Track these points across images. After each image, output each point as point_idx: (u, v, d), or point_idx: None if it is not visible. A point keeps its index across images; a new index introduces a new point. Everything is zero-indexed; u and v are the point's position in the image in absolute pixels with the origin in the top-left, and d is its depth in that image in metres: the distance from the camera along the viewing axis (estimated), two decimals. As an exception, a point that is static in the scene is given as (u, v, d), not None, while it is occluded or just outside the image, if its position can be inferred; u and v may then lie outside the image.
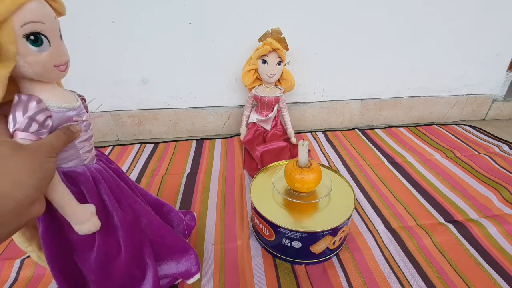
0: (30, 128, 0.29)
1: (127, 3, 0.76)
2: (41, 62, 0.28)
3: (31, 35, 0.27)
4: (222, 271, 0.50)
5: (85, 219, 0.34)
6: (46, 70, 0.29)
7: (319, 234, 0.47)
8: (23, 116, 0.28)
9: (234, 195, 0.69)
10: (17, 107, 0.28)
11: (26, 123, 0.28)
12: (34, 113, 0.29)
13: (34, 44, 0.27)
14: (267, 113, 0.83)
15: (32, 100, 0.29)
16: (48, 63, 0.29)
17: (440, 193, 0.69)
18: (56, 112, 0.31)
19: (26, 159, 0.27)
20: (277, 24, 0.75)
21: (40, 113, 0.29)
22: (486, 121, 1.11)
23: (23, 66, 0.28)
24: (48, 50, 0.29)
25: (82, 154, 0.36)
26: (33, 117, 0.29)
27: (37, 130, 0.29)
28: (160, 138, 0.98)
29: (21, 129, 0.28)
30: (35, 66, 0.28)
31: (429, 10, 0.88)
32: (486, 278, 0.48)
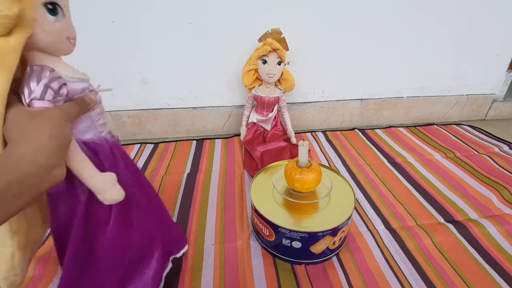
0: (46, 95, 0.29)
1: (127, 3, 0.76)
2: (56, 31, 0.29)
3: (49, 4, 0.28)
4: (222, 271, 0.50)
5: (107, 187, 0.34)
6: (60, 40, 0.30)
7: (319, 234, 0.47)
8: (38, 84, 0.28)
9: (234, 195, 0.69)
10: (31, 77, 0.28)
11: (42, 91, 0.28)
12: (49, 80, 0.29)
13: (51, 13, 0.28)
14: (267, 113, 0.83)
15: (45, 69, 0.29)
16: (62, 34, 0.30)
17: (440, 193, 0.69)
18: (69, 82, 0.31)
19: (45, 124, 0.27)
20: (277, 24, 0.75)
21: (55, 81, 0.29)
22: (486, 121, 1.11)
23: (39, 34, 0.28)
24: (63, 21, 0.30)
25: (98, 126, 0.36)
26: (48, 85, 0.29)
27: (53, 98, 0.29)
28: (160, 138, 0.98)
29: (37, 97, 0.28)
30: (50, 34, 0.29)
31: (429, 10, 0.87)
32: (486, 278, 0.48)
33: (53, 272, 0.50)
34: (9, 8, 0.25)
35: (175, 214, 0.63)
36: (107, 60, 0.83)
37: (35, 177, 0.26)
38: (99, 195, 0.34)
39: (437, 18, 0.89)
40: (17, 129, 0.27)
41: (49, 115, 0.28)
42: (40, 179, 0.27)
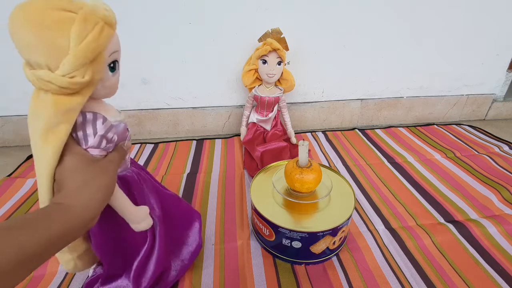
0: (101, 145, 0.32)
1: (127, 3, 0.76)
2: (113, 84, 0.32)
3: (112, 63, 0.30)
4: (222, 271, 0.50)
5: (141, 219, 0.38)
6: (113, 90, 0.33)
7: (319, 234, 0.47)
8: (94, 135, 0.31)
9: (234, 195, 0.68)
10: (86, 126, 0.31)
11: (98, 141, 0.31)
12: (105, 132, 0.32)
13: (112, 70, 0.31)
14: (267, 113, 0.83)
15: (98, 119, 0.31)
16: (116, 84, 0.33)
17: (440, 193, 0.69)
18: (116, 126, 0.34)
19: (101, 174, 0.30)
20: (277, 24, 0.75)
21: (109, 132, 0.32)
22: (486, 121, 1.11)
23: (99, 90, 0.31)
24: (118, 73, 0.32)
25: (126, 160, 0.39)
26: (104, 135, 0.32)
27: (106, 145, 0.33)
28: (160, 138, 0.98)
29: (94, 146, 0.31)
30: (108, 88, 0.32)
31: (429, 10, 0.88)
32: (486, 278, 0.48)
33: (53, 272, 0.50)
34: (81, 75, 0.27)
35: (175, 214, 0.63)
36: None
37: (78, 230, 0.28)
38: (132, 225, 0.38)
39: (437, 18, 0.89)
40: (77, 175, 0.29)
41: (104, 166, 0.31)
42: (80, 231, 0.28)
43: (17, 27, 0.26)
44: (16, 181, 0.73)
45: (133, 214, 0.37)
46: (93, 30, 0.26)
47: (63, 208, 0.27)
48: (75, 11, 0.26)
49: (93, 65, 0.27)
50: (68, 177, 0.29)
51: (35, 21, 0.25)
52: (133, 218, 0.37)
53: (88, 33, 0.26)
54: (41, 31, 0.25)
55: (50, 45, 0.25)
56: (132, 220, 0.37)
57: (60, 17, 0.25)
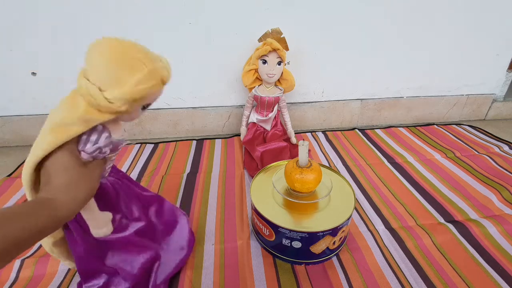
0: (94, 154, 0.35)
1: (127, 3, 0.76)
2: (137, 117, 0.37)
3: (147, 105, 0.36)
4: (222, 271, 0.50)
5: (103, 225, 0.40)
6: (134, 119, 0.37)
7: (319, 234, 0.47)
8: (93, 145, 0.34)
9: (234, 195, 0.68)
10: (92, 133, 0.34)
11: (94, 150, 0.34)
12: (104, 145, 0.35)
13: (143, 109, 0.36)
14: (267, 113, 0.83)
15: (105, 132, 0.35)
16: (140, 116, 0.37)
17: (440, 193, 0.69)
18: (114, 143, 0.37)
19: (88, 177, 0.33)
20: (277, 24, 0.75)
21: (107, 146, 0.36)
22: (486, 121, 1.11)
23: (125, 117, 0.36)
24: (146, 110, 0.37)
25: (106, 169, 0.41)
26: (100, 148, 0.35)
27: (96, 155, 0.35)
28: (160, 138, 0.98)
29: (87, 152, 0.34)
30: (132, 118, 0.36)
31: (429, 10, 0.87)
32: (486, 278, 0.48)
33: (53, 272, 0.50)
34: (119, 105, 0.31)
35: (175, 214, 0.63)
36: (107, 60, 0.83)
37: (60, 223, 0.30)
38: (92, 230, 0.39)
39: (437, 18, 0.89)
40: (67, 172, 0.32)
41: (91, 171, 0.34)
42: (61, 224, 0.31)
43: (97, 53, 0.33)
44: (16, 181, 0.73)
45: (96, 219, 0.39)
46: (150, 83, 0.32)
47: (51, 203, 0.30)
48: (146, 64, 0.32)
49: (133, 103, 0.32)
50: (60, 172, 0.31)
51: (115, 57, 0.32)
52: (95, 223, 0.39)
53: (145, 83, 0.31)
54: (115, 65, 0.31)
55: (113, 77, 0.31)
56: (94, 226, 0.39)
57: (134, 64, 0.32)
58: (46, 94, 0.85)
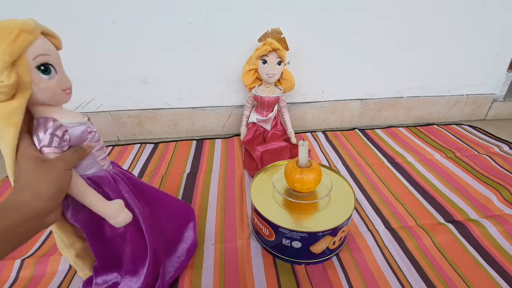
0: (53, 143, 0.34)
1: (127, 3, 0.76)
2: (51, 88, 0.34)
3: (42, 66, 0.32)
4: (222, 271, 0.50)
5: (117, 213, 0.39)
6: (56, 94, 0.34)
7: (319, 234, 0.47)
8: (45, 134, 0.34)
9: (234, 195, 0.68)
10: (38, 128, 0.34)
11: (49, 139, 0.34)
12: (53, 129, 0.34)
13: (45, 73, 0.33)
14: (267, 113, 0.83)
15: (49, 120, 0.34)
16: (57, 88, 0.34)
17: (440, 193, 0.69)
18: (69, 128, 0.36)
19: (46, 172, 0.32)
20: (277, 24, 0.75)
21: (58, 129, 0.34)
22: (486, 121, 1.11)
23: (37, 93, 0.33)
24: (56, 77, 0.34)
25: (99, 161, 0.41)
26: (53, 133, 0.34)
27: (59, 144, 0.35)
28: (160, 138, 0.98)
29: (45, 145, 0.34)
30: (47, 91, 0.33)
31: (429, 10, 0.87)
32: (486, 278, 0.48)
33: (53, 272, 0.50)
34: (7, 78, 0.30)
35: (175, 214, 0.63)
36: (107, 60, 0.83)
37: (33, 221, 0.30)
38: (110, 221, 0.39)
39: (437, 18, 0.89)
40: (23, 175, 0.32)
41: (51, 164, 0.33)
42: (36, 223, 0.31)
43: None
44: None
45: (107, 209, 0.38)
46: (8, 37, 0.29)
47: (14, 203, 0.30)
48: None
49: (16, 67, 0.30)
50: (19, 175, 0.32)
51: None
52: (108, 213, 0.38)
53: (3, 41, 0.29)
54: None
55: None
56: (108, 215, 0.38)
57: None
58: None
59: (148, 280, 0.44)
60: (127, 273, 0.45)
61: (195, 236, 0.54)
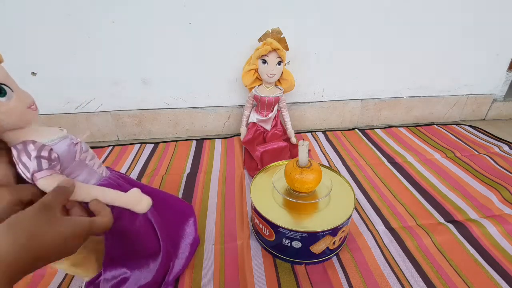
0: (42, 165, 0.31)
1: (127, 3, 0.76)
2: (14, 109, 0.30)
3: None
4: (222, 271, 0.50)
5: (138, 199, 0.39)
6: (22, 113, 0.31)
7: (319, 234, 0.47)
8: (30, 159, 0.30)
9: (234, 195, 0.68)
10: (20, 155, 0.30)
11: (36, 163, 0.31)
12: (37, 152, 0.31)
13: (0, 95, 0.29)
14: (267, 113, 0.83)
15: (27, 144, 0.31)
16: (20, 107, 0.31)
17: (440, 193, 0.69)
18: (53, 145, 0.33)
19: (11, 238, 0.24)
20: (277, 24, 0.75)
21: (42, 150, 0.31)
22: (486, 121, 1.11)
23: (1, 120, 0.29)
24: (14, 96, 0.30)
25: (97, 170, 0.40)
26: (38, 156, 0.31)
27: (50, 165, 0.32)
28: (160, 138, 0.98)
29: (36, 170, 0.31)
30: (11, 114, 0.29)
31: (429, 10, 0.87)
32: (486, 278, 0.48)
33: (53, 272, 0.50)
34: None
35: (175, 214, 0.63)
36: (107, 60, 0.83)
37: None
38: (135, 209, 0.39)
39: (437, 18, 0.89)
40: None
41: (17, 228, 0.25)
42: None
43: None
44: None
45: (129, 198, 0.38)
46: None
47: None
48: None
49: None
50: None
51: None
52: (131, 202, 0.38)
53: None
54: None
55: None
56: (131, 204, 0.39)
57: None
58: (46, 94, 0.85)
59: (158, 275, 0.45)
60: (136, 268, 0.45)
61: (196, 232, 0.54)
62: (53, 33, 0.76)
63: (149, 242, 0.45)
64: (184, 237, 0.53)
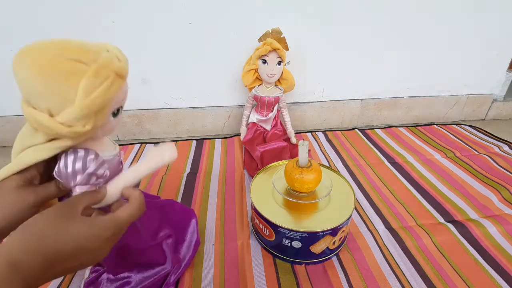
0: (90, 181, 0.30)
1: (127, 3, 0.76)
2: (113, 127, 0.31)
3: (116, 110, 0.29)
4: (222, 271, 0.50)
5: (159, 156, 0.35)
6: (113, 131, 0.32)
7: (319, 234, 0.47)
8: (83, 172, 0.29)
9: (234, 195, 0.68)
10: (75, 162, 0.29)
11: (87, 179, 0.30)
12: (95, 168, 0.30)
13: (115, 115, 0.30)
14: (267, 113, 0.83)
15: (90, 155, 0.30)
16: (116, 125, 0.32)
17: (440, 193, 0.69)
18: (110, 160, 0.33)
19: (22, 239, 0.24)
20: (277, 24, 0.75)
21: (100, 168, 0.31)
22: (486, 121, 1.11)
23: (99, 132, 0.30)
24: (120, 115, 0.31)
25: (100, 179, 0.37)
26: (94, 173, 0.30)
27: (96, 181, 0.31)
28: (160, 138, 0.98)
29: (81, 184, 0.30)
30: (107, 131, 0.31)
31: (429, 10, 0.87)
32: (486, 278, 0.48)
33: (53, 272, 0.50)
34: (83, 126, 0.26)
35: (175, 214, 0.63)
36: (107, 60, 0.83)
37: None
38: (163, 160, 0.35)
39: (437, 18, 0.89)
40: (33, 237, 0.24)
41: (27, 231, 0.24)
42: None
43: (24, 71, 0.25)
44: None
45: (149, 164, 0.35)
46: (103, 85, 0.25)
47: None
48: (88, 63, 0.25)
49: (96, 116, 0.26)
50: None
51: (45, 69, 0.24)
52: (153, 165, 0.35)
53: (97, 87, 0.25)
54: (50, 80, 0.24)
55: (57, 94, 0.24)
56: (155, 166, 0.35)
57: (72, 69, 0.24)
58: (46, 94, 0.85)
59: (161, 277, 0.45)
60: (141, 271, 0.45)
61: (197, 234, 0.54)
62: (53, 33, 0.76)
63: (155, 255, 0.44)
64: (187, 241, 0.53)
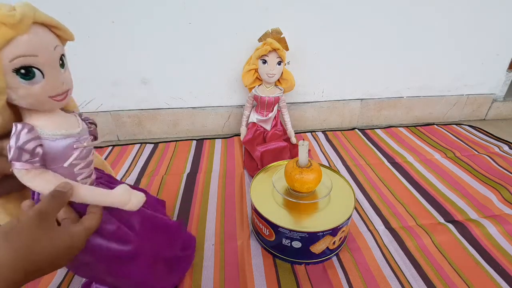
0: (22, 157, 0.28)
1: (127, 3, 0.76)
2: (33, 95, 0.27)
3: (22, 69, 0.26)
4: (222, 271, 0.50)
5: (127, 197, 0.35)
6: (40, 101, 0.28)
7: (319, 234, 0.47)
8: (15, 145, 0.28)
9: (234, 195, 0.68)
10: (12, 137, 0.28)
11: (17, 154, 0.28)
12: (23, 143, 0.28)
13: (25, 77, 0.26)
14: (267, 113, 0.83)
15: (24, 128, 0.28)
16: (41, 95, 0.28)
17: (440, 193, 0.69)
18: (50, 140, 0.30)
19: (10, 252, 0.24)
20: (277, 24, 0.75)
21: (29, 142, 0.28)
22: (486, 121, 1.11)
23: (14, 99, 0.27)
24: (41, 82, 0.28)
25: (80, 181, 0.34)
26: (22, 147, 0.28)
27: (29, 159, 0.29)
28: (160, 138, 0.98)
29: (14, 159, 0.28)
30: (27, 98, 0.27)
31: (429, 10, 0.87)
32: (486, 278, 0.48)
33: (53, 272, 0.50)
34: None
35: (175, 214, 0.63)
36: (107, 60, 0.83)
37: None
38: (125, 207, 0.35)
39: (437, 18, 0.89)
40: None
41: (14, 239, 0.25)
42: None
43: None
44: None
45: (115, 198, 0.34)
46: None
47: None
48: None
49: None
50: None
51: None
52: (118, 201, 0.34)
53: None
54: None
55: None
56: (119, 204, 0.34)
57: None
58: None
59: None
60: None
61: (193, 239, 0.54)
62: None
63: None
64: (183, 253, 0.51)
